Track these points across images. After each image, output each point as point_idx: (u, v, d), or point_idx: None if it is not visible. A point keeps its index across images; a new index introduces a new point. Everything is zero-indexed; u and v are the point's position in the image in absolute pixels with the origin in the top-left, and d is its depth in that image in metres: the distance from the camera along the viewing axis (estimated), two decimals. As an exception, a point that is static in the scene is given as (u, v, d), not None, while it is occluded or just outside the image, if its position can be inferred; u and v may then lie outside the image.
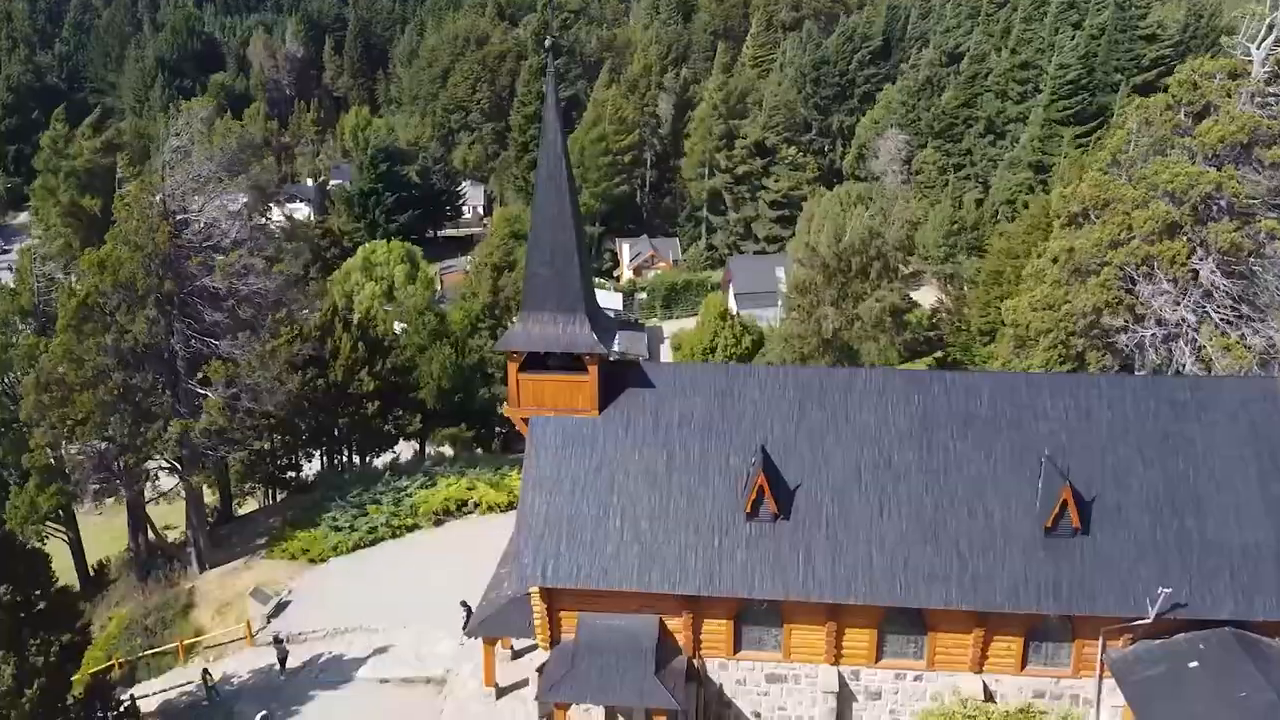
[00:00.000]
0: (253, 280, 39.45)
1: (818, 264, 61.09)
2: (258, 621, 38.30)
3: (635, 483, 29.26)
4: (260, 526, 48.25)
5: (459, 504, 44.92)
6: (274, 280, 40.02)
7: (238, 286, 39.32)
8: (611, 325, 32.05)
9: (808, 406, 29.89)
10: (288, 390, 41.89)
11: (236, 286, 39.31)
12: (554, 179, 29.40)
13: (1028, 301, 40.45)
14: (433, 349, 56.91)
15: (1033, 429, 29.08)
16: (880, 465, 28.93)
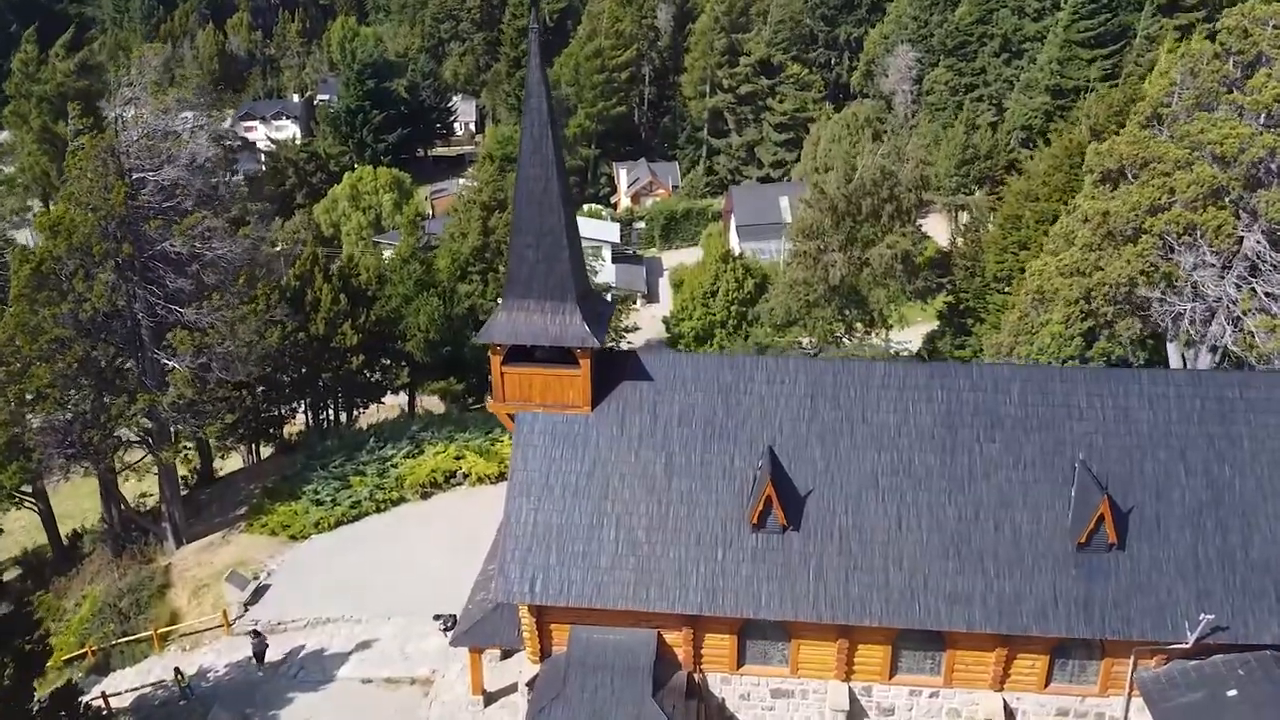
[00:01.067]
0: (216, 245, 36.40)
1: (825, 206, 57.73)
2: (235, 609, 36.45)
3: (631, 488, 26.89)
4: (240, 493, 46.20)
5: (447, 475, 42.73)
6: (239, 244, 36.95)
7: (200, 251, 36.31)
8: (606, 309, 29.22)
9: (820, 403, 27.33)
10: (262, 354, 39.20)
11: (199, 250, 36.30)
12: (539, 152, 26.20)
13: (1055, 265, 37.52)
14: (419, 299, 54.05)
15: (1066, 429, 26.58)
16: (899, 470, 26.52)
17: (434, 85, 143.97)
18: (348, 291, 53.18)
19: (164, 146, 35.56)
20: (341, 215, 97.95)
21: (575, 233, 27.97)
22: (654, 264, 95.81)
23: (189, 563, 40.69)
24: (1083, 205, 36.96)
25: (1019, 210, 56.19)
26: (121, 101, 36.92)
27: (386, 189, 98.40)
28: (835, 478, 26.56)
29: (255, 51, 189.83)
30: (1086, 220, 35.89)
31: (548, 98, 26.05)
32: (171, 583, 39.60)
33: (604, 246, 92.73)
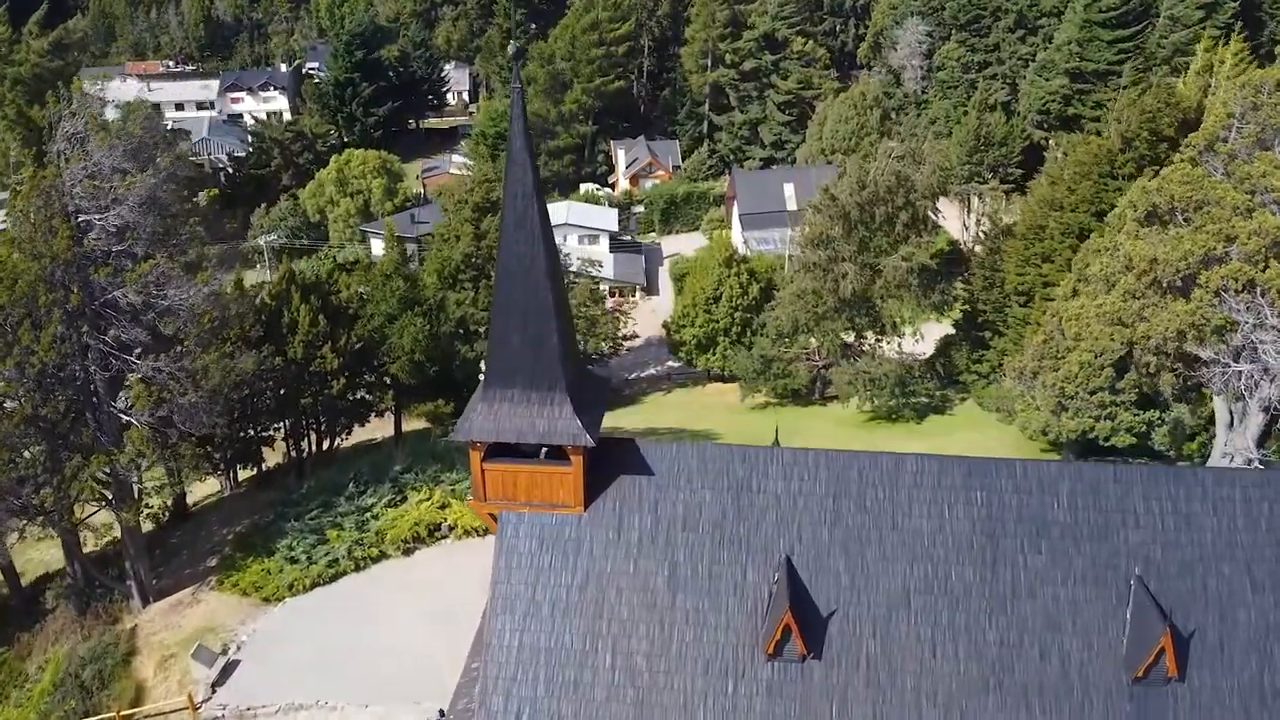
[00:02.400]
0: (172, 292, 33.04)
1: (836, 213, 54.26)
2: (201, 689, 33.66)
3: (629, 605, 23.90)
4: (213, 538, 43.27)
5: (431, 528, 39.77)
6: (198, 291, 33.58)
7: (155, 299, 32.97)
8: (600, 393, 25.98)
9: (844, 505, 24.26)
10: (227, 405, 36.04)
11: (154, 299, 32.97)
12: (524, 227, 22.90)
13: (1094, 311, 34.24)
14: (403, 319, 50.69)
15: (1120, 539, 23.56)
16: (934, 587, 23.51)
17: (426, 54, 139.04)
18: (327, 311, 49.85)
19: (110, 186, 32.06)
20: (329, 201, 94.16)
21: (565, 310, 24.71)
22: (653, 253, 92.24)
23: (156, 626, 37.87)
24: (1125, 246, 33.60)
25: (1042, 219, 52.69)
26: (63, 137, 33.31)
27: (375, 173, 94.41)
28: (862, 595, 23.57)
29: (242, 17, 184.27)
30: (1130, 267, 32.53)
31: (532, 166, 22.64)
32: (137, 649, 36.81)
33: (601, 235, 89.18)
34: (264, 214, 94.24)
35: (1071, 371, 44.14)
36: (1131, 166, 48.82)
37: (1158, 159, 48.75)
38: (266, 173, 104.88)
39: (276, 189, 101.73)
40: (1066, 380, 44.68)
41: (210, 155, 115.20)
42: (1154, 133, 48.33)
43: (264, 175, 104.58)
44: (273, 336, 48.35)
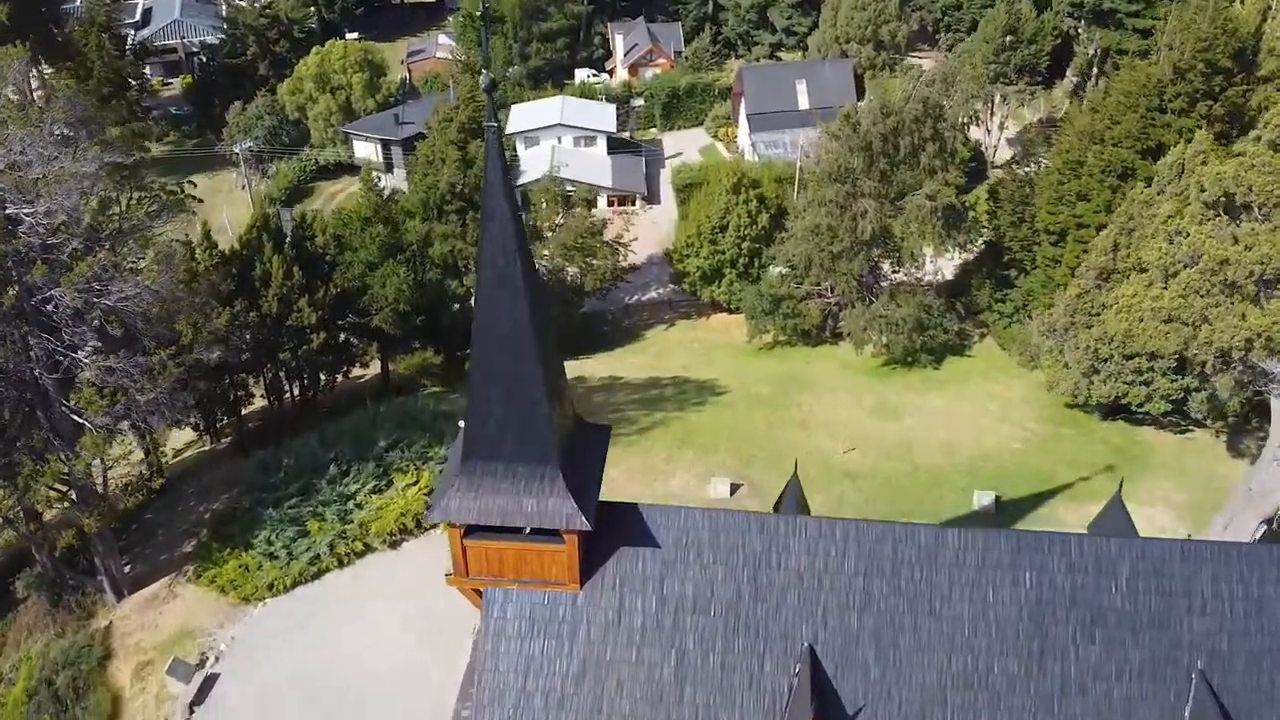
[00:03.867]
0: (116, 289, 29.36)
1: (857, 144, 49.61)
2: (180, 710, 31.78)
3: (632, 699, 21.45)
4: (190, 517, 40.83)
5: (417, 518, 37.24)
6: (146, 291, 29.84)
7: (98, 300, 29.35)
8: (596, 460, 22.62)
9: (875, 585, 21.49)
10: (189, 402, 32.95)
11: (96, 300, 29.34)
12: (508, 286, 19.25)
13: (1149, 304, 30.64)
14: (385, 268, 46.87)
15: (1184, 628, 20.91)
16: (974, 682, 21.00)
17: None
18: (301, 261, 46.08)
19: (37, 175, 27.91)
20: (308, 99, 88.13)
21: (557, 372, 21.30)
22: (654, 157, 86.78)
23: (131, 624, 35.83)
24: (1192, 235, 29.68)
25: (1080, 154, 48.12)
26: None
27: (356, 68, 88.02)
28: (893, 692, 21.08)
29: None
30: (1196, 260, 28.76)
31: (514, 217, 18.80)
32: (113, 652, 34.87)
33: (599, 137, 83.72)
34: (240, 112, 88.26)
35: (1111, 331, 40.83)
36: (1183, 101, 44.09)
37: (1212, 93, 44.02)
38: (242, 62, 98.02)
39: (254, 81, 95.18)
40: (1100, 341, 41.44)
41: (183, 39, 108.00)
42: (1209, 64, 43.34)
43: (239, 65, 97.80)
44: (245, 290, 44.77)
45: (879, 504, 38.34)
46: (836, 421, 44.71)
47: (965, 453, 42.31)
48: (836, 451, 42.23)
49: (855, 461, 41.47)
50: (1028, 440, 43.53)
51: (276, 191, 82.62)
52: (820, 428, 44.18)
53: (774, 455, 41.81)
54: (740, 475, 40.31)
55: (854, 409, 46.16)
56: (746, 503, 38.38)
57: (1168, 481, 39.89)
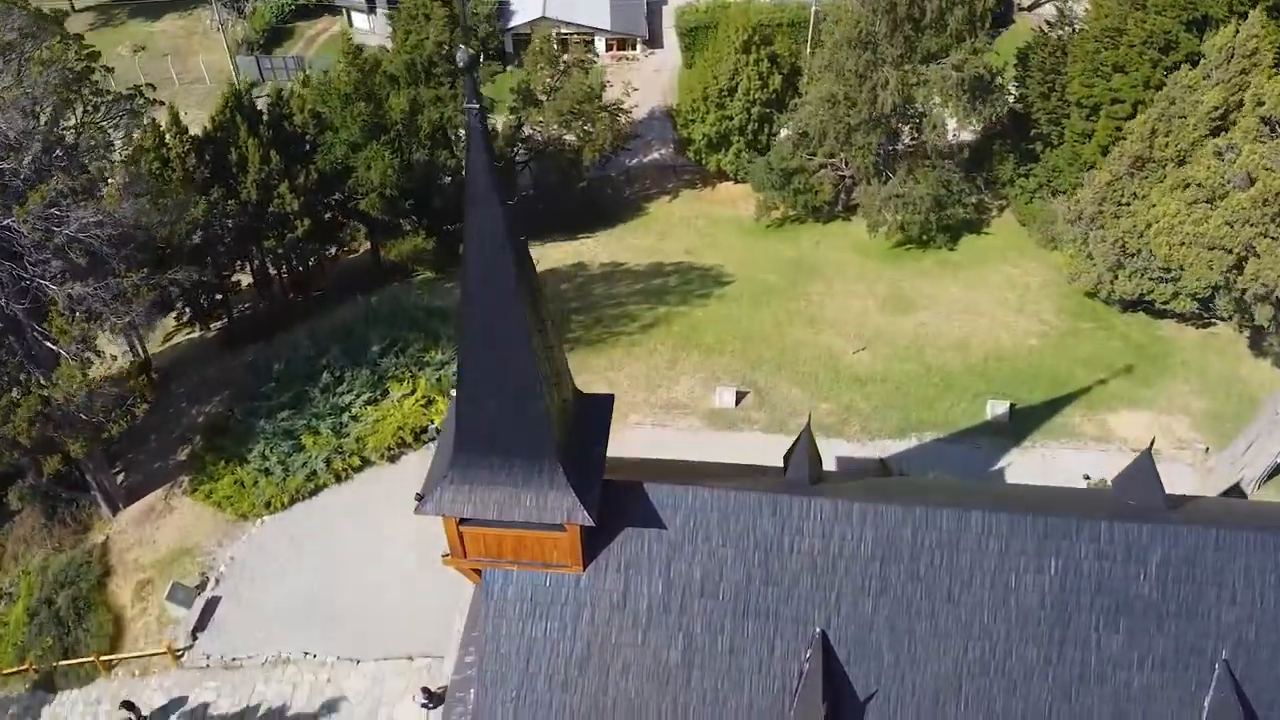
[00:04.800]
0: (76, 217, 27.01)
1: (881, 6, 45.42)
2: (182, 635, 31.73)
3: (638, 682, 20.92)
4: (182, 419, 39.85)
5: (416, 431, 36.19)
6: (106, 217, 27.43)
7: (58, 230, 27.05)
8: (603, 422, 21.21)
9: (892, 571, 20.56)
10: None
11: (56, 229, 27.05)
12: (494, 281, 17.21)
13: (1190, 228, 28.34)
14: (369, 149, 43.82)
15: (1212, 618, 20.12)
16: (990, 669, 20.39)
17: None
18: (279, 143, 43.09)
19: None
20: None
21: (553, 354, 19.53)
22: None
23: (129, 539, 35.44)
24: (1245, 155, 27.05)
25: (1119, 20, 44.09)
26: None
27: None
28: (907, 677, 20.49)
29: None
30: (1248, 183, 26.30)
31: (501, 203, 16.54)
32: (111, 568, 34.63)
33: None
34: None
35: (1141, 223, 38.61)
36: (1240, -37, 39.87)
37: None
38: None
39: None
40: (1129, 234, 39.23)
41: None
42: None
43: None
44: (221, 176, 42.11)
45: (888, 414, 37.21)
46: (847, 317, 42.98)
47: (979, 351, 40.83)
48: (846, 352, 40.74)
49: (865, 363, 40.06)
50: (1045, 335, 41.96)
51: (254, 34, 77.53)
52: (829, 325, 42.49)
53: (782, 356, 40.37)
54: (747, 381, 38.99)
55: (865, 301, 44.33)
56: (753, 414, 37.23)
57: (1187, 385, 38.61)
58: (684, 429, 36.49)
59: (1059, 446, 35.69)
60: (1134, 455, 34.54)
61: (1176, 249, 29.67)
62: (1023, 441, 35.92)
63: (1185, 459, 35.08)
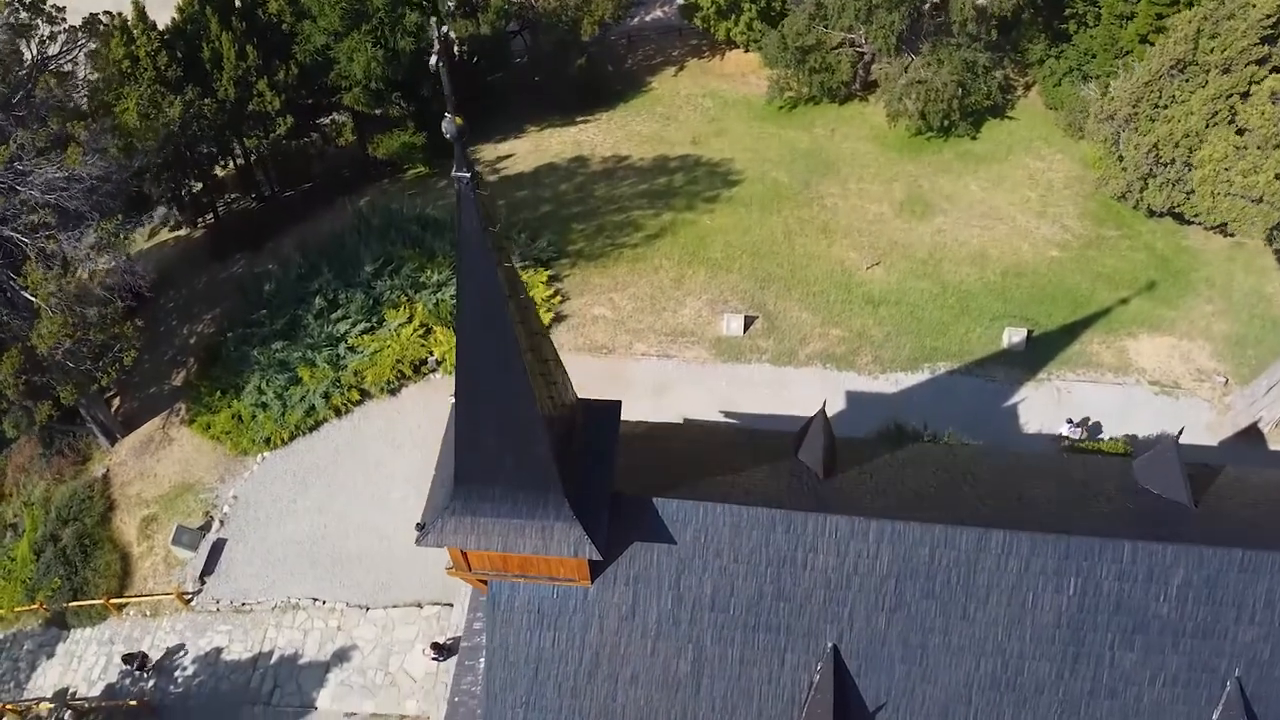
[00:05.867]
0: (40, 176, 24.99)
1: None
2: (190, 579, 31.85)
3: (647, 692, 20.95)
4: (175, 340, 38.83)
5: (415, 364, 35.16)
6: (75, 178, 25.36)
7: (21, 189, 25.10)
8: (605, 448, 20.15)
9: (908, 589, 20.17)
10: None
11: (20, 189, 25.10)
12: (493, 327, 15.83)
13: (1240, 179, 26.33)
14: (351, 39, 40.54)
15: (1228, 638, 19.89)
16: (1001, 683, 20.34)
17: None
18: (254, 34, 39.94)
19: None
20: None
21: (556, 393, 18.35)
22: None
23: (129, 472, 35.13)
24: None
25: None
26: None
27: None
28: (917, 690, 20.48)
29: None
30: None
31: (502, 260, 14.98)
32: (114, 503, 34.49)
33: None
34: None
35: (1175, 133, 36.33)
36: None
37: None
38: None
39: None
40: (1164, 142, 36.93)
41: None
42: None
43: None
44: (195, 75, 39.32)
45: (901, 340, 36.07)
46: (862, 225, 41.04)
47: (998, 265, 39.21)
48: (860, 267, 39.13)
49: (879, 281, 38.55)
50: (1066, 245, 40.20)
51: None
52: (843, 235, 40.64)
53: (792, 274, 38.80)
54: (755, 303, 37.62)
55: (881, 205, 42.24)
56: (760, 342, 36.10)
57: (1210, 305, 37.24)
58: (690, 360, 35.45)
59: (1075, 379, 34.76)
60: (1151, 391, 34.28)
61: (1220, 200, 27.70)
62: (1038, 373, 34.96)
63: (1204, 393, 34.24)
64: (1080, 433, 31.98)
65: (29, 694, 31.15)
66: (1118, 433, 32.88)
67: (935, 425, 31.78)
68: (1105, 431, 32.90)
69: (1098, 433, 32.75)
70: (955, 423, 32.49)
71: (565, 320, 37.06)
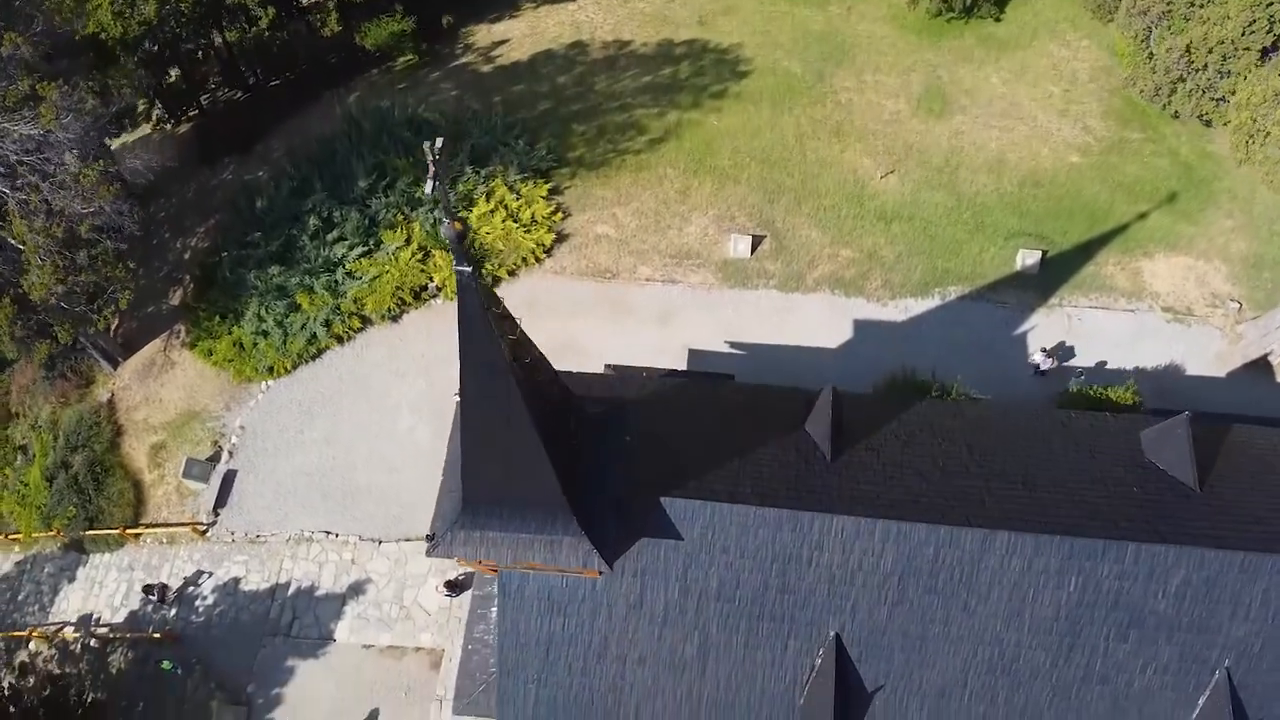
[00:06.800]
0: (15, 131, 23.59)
1: None
2: (204, 510, 32.39)
3: (654, 672, 21.73)
4: (169, 253, 37.99)
5: (415, 290, 34.45)
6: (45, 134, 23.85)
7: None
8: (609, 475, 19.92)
9: (911, 585, 20.57)
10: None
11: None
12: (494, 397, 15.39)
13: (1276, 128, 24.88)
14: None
15: (1221, 633, 20.47)
16: (997, 669, 21.06)
17: None
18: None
19: None
20: None
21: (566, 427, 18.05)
22: None
23: (134, 397, 35.11)
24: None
25: None
26: None
27: None
28: (916, 675, 21.27)
29: None
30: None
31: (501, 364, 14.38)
32: (121, 428, 34.65)
33: None
34: None
35: (1210, 38, 34.32)
36: None
37: None
38: None
39: None
40: (1198, 46, 34.91)
41: None
42: None
43: None
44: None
45: (912, 262, 35.20)
46: (877, 126, 39.21)
47: (1015, 173, 37.77)
48: (873, 175, 37.70)
49: (893, 192, 37.23)
50: (1087, 149, 38.59)
51: None
52: (857, 137, 38.91)
53: (803, 183, 37.42)
54: (763, 220, 36.47)
55: (898, 101, 40.21)
56: (768, 265, 35.24)
57: (1230, 220, 36.07)
58: (696, 286, 34.72)
59: (1087, 304, 34.18)
60: (1163, 319, 33.76)
61: (1256, 150, 26.23)
62: (1050, 298, 34.32)
63: (1216, 320, 33.74)
64: (1052, 362, 31.87)
65: (53, 618, 32.31)
66: (1127, 363, 32.73)
67: (944, 361, 31.51)
68: (1113, 361, 32.72)
69: (1068, 358, 32.59)
70: (963, 355, 32.28)
71: (567, 240, 36.06)
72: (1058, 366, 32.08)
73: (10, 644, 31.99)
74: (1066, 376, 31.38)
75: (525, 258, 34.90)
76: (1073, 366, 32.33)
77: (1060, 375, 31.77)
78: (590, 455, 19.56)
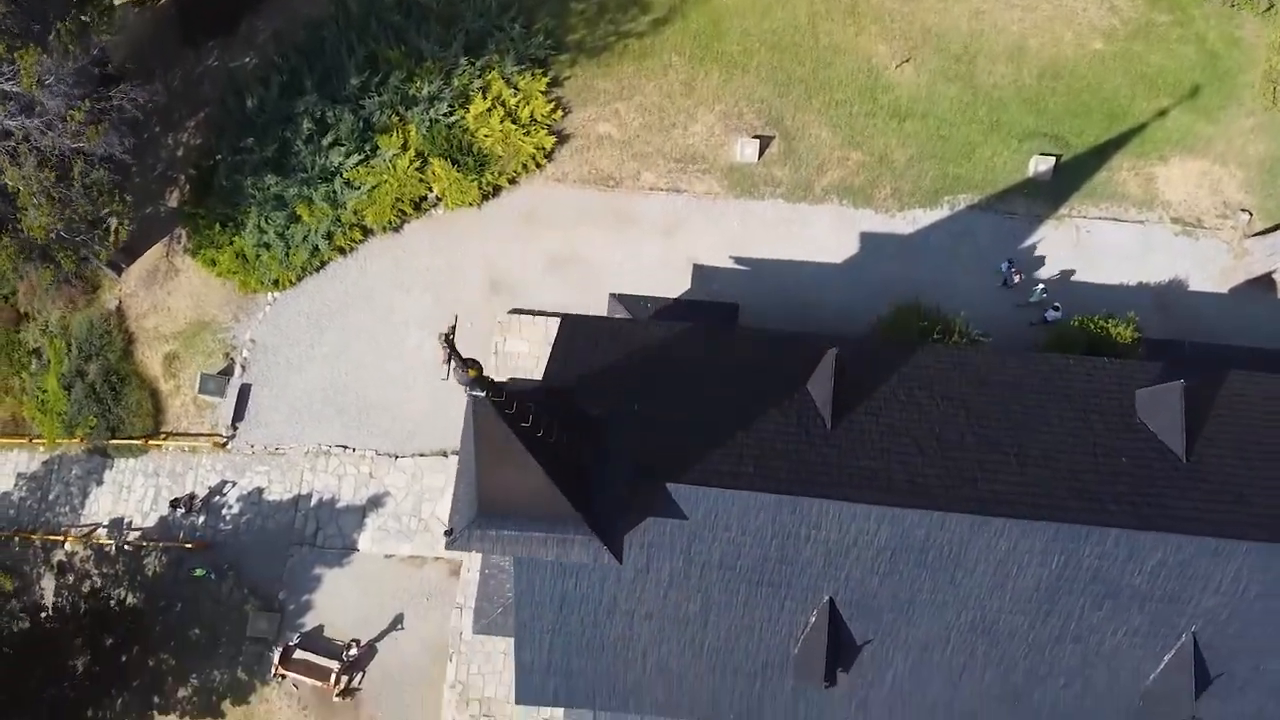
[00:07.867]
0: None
1: None
2: (222, 424, 33.33)
3: (660, 623, 23.54)
4: (160, 149, 36.99)
5: (415, 201, 33.85)
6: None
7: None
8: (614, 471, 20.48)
9: (901, 560, 21.88)
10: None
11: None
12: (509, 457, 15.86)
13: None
14: None
15: (1191, 603, 21.93)
16: (978, 629, 22.74)
17: None
18: None
19: None
20: None
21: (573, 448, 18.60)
22: None
23: (142, 305, 35.24)
24: None
25: None
26: None
27: None
28: (902, 632, 23.03)
29: None
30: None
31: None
32: (133, 336, 35.01)
33: None
34: None
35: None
36: None
37: None
38: None
39: None
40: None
41: None
42: None
43: None
44: None
45: (924, 168, 34.39)
46: (894, 5, 36.86)
47: (1036, 61, 36.12)
48: (889, 64, 36.09)
49: (907, 85, 35.75)
50: (1112, 34, 36.76)
51: None
52: (873, 19, 36.80)
53: (814, 72, 35.84)
54: (772, 116, 35.22)
55: (917, -29, 37.90)
56: (775, 171, 34.42)
57: (1251, 119, 34.86)
58: (701, 195, 34.09)
59: (1097, 215, 33.77)
60: (1171, 232, 33.50)
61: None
62: (1060, 208, 33.86)
63: (1224, 234, 33.45)
64: (1018, 276, 32.01)
65: (85, 519, 34.00)
66: (1131, 280, 32.81)
67: (948, 282, 31.67)
68: (1119, 277, 32.79)
69: (1035, 269, 32.67)
70: (967, 265, 32.47)
71: (568, 142, 35.04)
72: (1024, 279, 32.30)
73: (47, 546, 33.86)
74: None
75: (525, 163, 34.12)
76: (1039, 278, 32.53)
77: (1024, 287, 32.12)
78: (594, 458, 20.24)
